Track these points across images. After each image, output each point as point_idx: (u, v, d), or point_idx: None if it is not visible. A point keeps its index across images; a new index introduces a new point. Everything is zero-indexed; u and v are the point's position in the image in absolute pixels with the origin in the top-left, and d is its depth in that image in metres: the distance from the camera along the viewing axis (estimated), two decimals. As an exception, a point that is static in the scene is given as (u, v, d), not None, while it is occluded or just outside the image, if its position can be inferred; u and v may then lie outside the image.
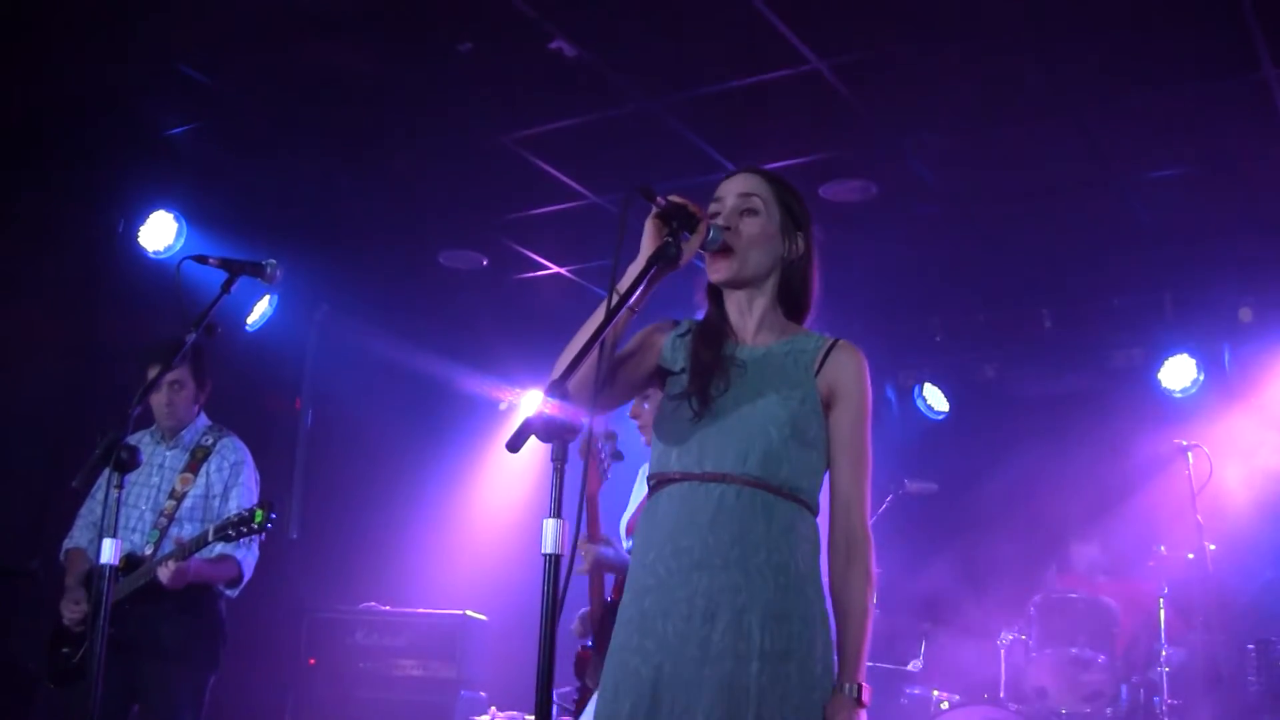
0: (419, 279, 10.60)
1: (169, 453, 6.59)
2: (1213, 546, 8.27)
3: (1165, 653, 8.02)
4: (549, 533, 2.89)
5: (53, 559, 6.75)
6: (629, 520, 6.20)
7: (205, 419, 6.76)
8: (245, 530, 5.95)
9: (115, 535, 4.42)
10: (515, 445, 2.92)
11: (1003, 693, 8.39)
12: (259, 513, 5.94)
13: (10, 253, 8.11)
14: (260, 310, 9.71)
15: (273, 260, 5.11)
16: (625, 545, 6.14)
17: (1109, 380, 10.35)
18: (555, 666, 2.87)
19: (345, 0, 6.64)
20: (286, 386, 10.75)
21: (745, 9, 6.43)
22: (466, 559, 11.02)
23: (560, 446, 2.93)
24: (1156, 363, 9.98)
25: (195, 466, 6.53)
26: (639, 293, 3.36)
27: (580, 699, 6.20)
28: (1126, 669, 8.27)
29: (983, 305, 10.45)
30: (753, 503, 3.41)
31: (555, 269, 10.32)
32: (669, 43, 6.94)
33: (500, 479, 11.55)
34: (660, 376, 3.74)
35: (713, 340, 3.67)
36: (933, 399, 11.19)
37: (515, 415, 11.75)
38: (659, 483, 3.57)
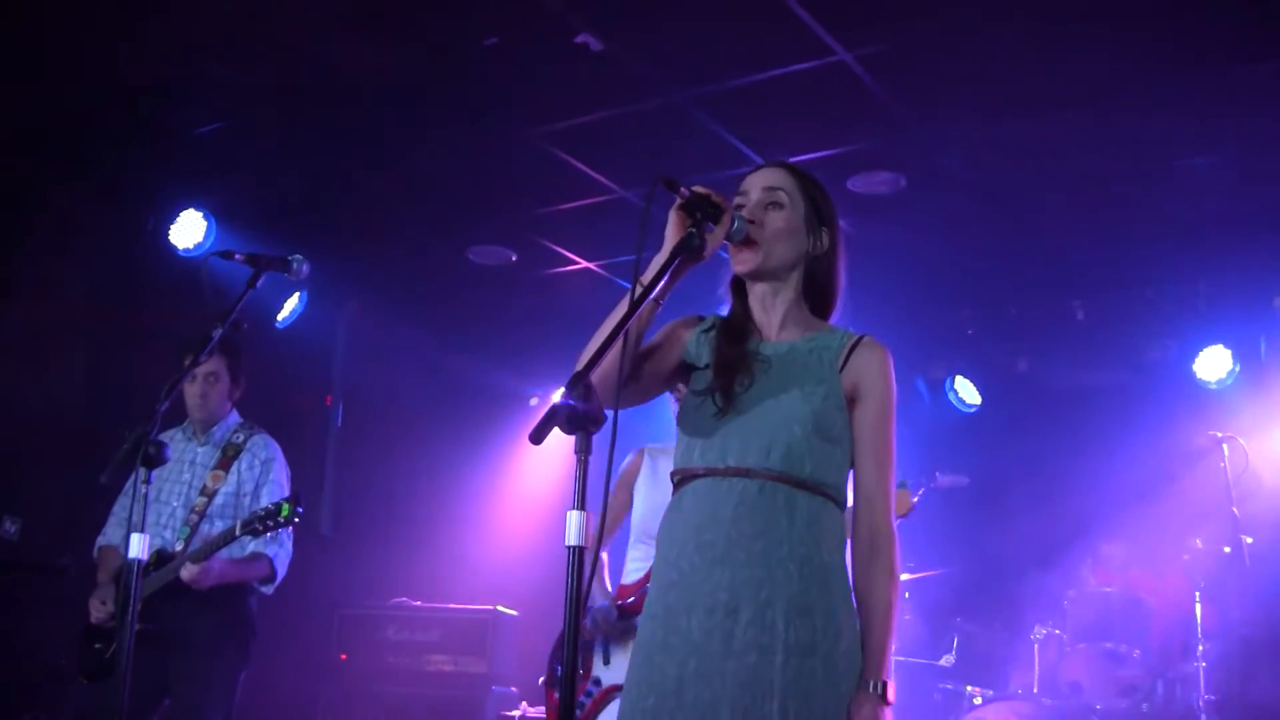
0: (448, 275, 10.59)
1: (200, 449, 6.60)
2: (1249, 539, 8.20)
3: (1202, 647, 7.96)
4: (572, 525, 2.87)
5: (84, 556, 6.77)
6: (639, 521, 6.11)
7: (237, 416, 6.76)
8: (272, 524, 5.95)
9: (144, 531, 4.40)
10: (538, 437, 2.89)
11: (1036, 688, 8.34)
12: (285, 506, 5.94)
13: (41, 251, 8.16)
14: (290, 307, 9.73)
15: (298, 255, 5.10)
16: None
17: (1143, 373, 10.24)
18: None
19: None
20: (317, 383, 10.79)
21: (770, 1, 6.40)
22: (497, 553, 11.04)
23: (584, 438, 2.91)
24: (1191, 354, 9.87)
25: (226, 464, 6.54)
26: (662, 284, 3.33)
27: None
28: (1162, 663, 8.22)
29: (1014, 298, 10.38)
30: (775, 497, 3.39)
31: (584, 264, 10.30)
32: (694, 35, 6.91)
33: (530, 473, 11.55)
34: (685, 371, 3.72)
35: (736, 336, 3.66)
36: (965, 392, 11.12)
37: (543, 409, 11.75)
38: (682, 478, 3.55)
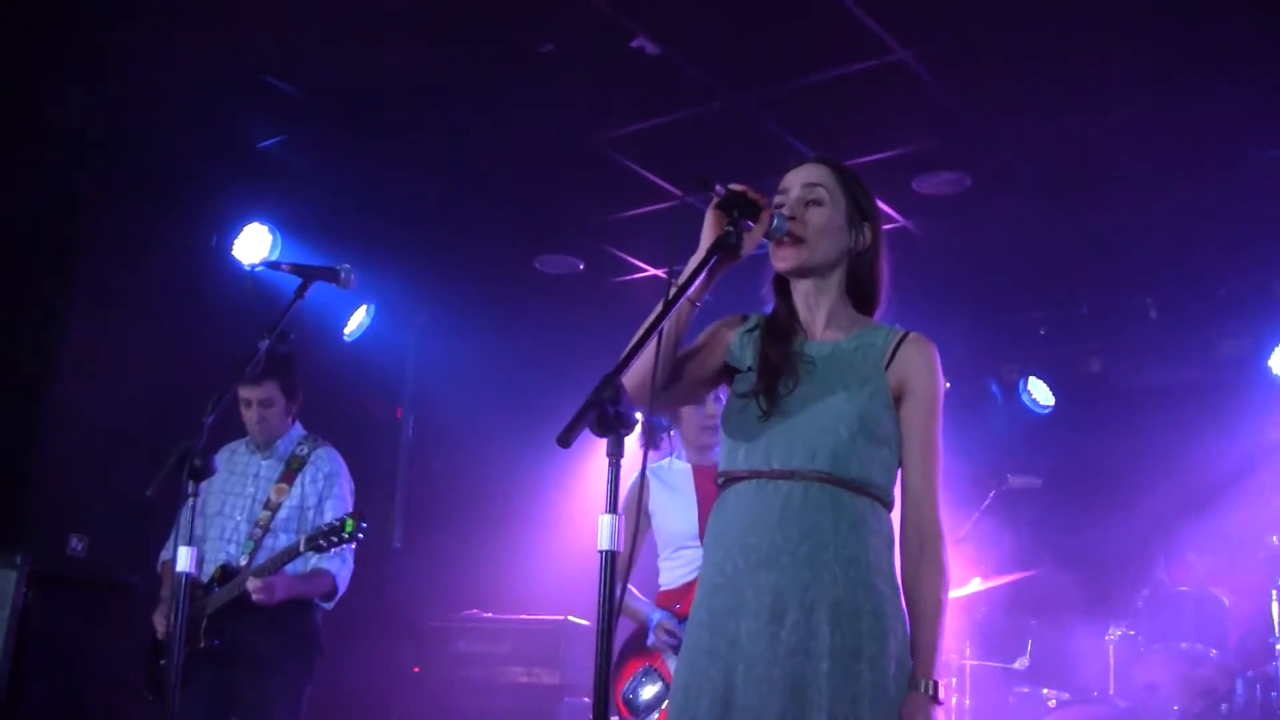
0: (516, 285, 10.62)
1: (264, 462, 6.63)
2: (1325, 536, 8.09)
3: (1280, 646, 7.85)
4: (604, 529, 2.85)
5: (151, 572, 6.82)
6: (667, 530, 6.11)
7: (300, 429, 6.79)
8: (335, 540, 5.97)
9: (191, 544, 4.40)
10: (567, 440, 2.85)
11: (1112, 689, 8.25)
12: (349, 522, 5.96)
13: (104, 267, 8.21)
14: (358, 320, 9.77)
15: (346, 265, 5.10)
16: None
17: (1217, 369, 10.12)
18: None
19: (425, 3, 6.64)
20: (387, 395, 10.84)
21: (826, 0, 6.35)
22: (567, 563, 10.99)
23: (615, 441, 2.88)
24: (1265, 349, 9.72)
25: (290, 477, 6.56)
26: (698, 283, 3.31)
27: None
28: (1241, 663, 8.10)
29: (1086, 296, 10.27)
30: (820, 499, 3.35)
31: (652, 271, 10.29)
32: (749, 37, 6.88)
33: (600, 483, 11.51)
34: (728, 374, 3.69)
35: (780, 337, 3.62)
36: (1038, 393, 11.02)
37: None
38: (727, 481, 3.52)
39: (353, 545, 6.18)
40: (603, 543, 2.85)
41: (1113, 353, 10.73)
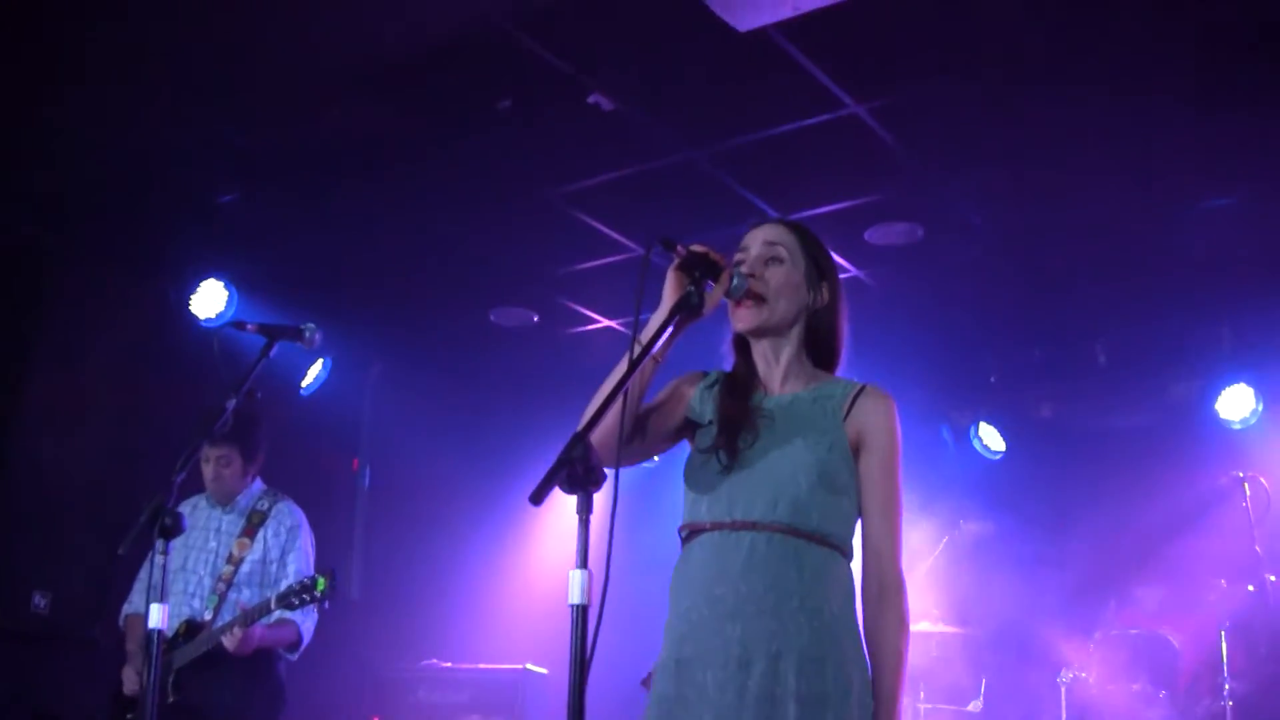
0: (471, 337, 10.64)
1: (225, 517, 6.66)
2: (1274, 578, 8.20)
3: (1228, 686, 7.94)
4: (575, 584, 2.88)
5: (113, 626, 6.81)
6: None
7: (260, 484, 6.83)
8: (308, 599, 6.00)
9: (163, 601, 4.43)
10: (538, 498, 2.90)
11: (1065, 731, 8.33)
12: (321, 581, 5.99)
13: (62, 324, 8.20)
14: (314, 373, 9.81)
15: (310, 324, 5.12)
16: None
17: (1166, 414, 10.23)
18: (585, 716, 2.86)
19: (383, 61, 6.69)
20: (344, 447, 10.84)
21: (778, 55, 6.42)
22: (525, 613, 11.01)
23: (584, 498, 2.93)
24: (1214, 394, 9.84)
25: (252, 531, 6.59)
26: (661, 342, 3.38)
27: None
28: (1190, 704, 8.19)
29: (1036, 343, 10.37)
30: (784, 549, 3.41)
31: (605, 322, 10.33)
32: (705, 92, 6.95)
33: (557, 532, 11.53)
34: (689, 428, 3.76)
35: (739, 392, 3.70)
36: (989, 439, 11.11)
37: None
38: (691, 533, 3.58)
39: (326, 603, 6.21)
40: (574, 597, 2.87)
41: (1063, 398, 10.82)
